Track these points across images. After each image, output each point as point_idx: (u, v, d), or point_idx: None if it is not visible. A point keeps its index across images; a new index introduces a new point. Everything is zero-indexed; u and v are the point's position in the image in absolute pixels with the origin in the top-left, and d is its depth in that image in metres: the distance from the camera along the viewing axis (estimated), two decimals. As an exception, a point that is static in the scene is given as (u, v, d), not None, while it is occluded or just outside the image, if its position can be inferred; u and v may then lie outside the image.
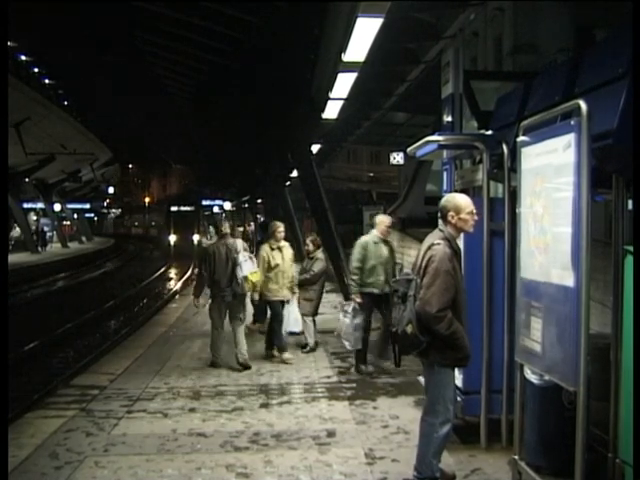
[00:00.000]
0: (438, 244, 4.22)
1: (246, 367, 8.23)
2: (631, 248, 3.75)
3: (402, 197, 24.56)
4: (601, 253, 4.82)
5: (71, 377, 8.65)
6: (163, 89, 21.10)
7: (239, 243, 8.46)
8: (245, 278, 8.17)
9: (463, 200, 4.39)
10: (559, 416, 4.23)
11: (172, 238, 48.23)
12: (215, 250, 8.32)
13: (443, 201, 4.42)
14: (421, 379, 5.02)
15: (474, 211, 4.36)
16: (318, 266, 9.07)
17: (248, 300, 8.84)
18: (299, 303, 9.10)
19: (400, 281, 4.36)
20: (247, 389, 7.30)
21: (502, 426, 5.02)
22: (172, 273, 30.70)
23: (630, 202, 4.02)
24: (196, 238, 45.85)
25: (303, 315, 9.16)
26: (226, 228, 8.59)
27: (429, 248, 4.25)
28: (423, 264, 4.23)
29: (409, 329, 4.13)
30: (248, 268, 8.21)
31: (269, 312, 9.07)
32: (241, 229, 28.81)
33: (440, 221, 4.40)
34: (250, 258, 8.35)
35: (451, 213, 4.31)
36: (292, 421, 6.12)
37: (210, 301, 8.61)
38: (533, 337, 4.06)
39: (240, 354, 8.30)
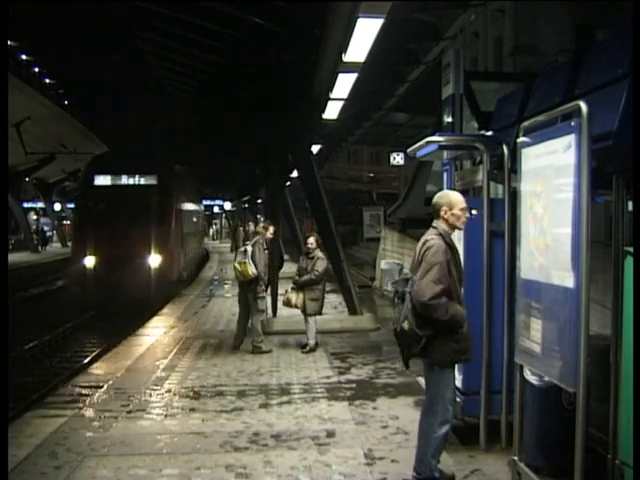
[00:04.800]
0: (432, 239, 4.30)
1: (264, 352, 9.11)
2: (631, 249, 3.75)
3: (402, 198, 24.57)
4: (601, 254, 4.82)
5: (71, 376, 8.65)
6: (163, 89, 21.11)
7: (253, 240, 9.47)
8: (234, 267, 9.23)
9: (456, 196, 4.48)
10: (558, 417, 4.23)
11: (90, 262, 16.47)
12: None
13: (436, 198, 4.49)
14: (420, 380, 5.02)
15: (466, 209, 4.43)
16: (321, 265, 9.07)
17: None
18: (304, 304, 9.08)
19: (399, 282, 4.40)
20: (247, 389, 7.29)
21: (502, 427, 5.01)
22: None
23: (630, 203, 4.02)
24: (155, 261, 16.77)
25: (309, 315, 9.16)
26: (251, 228, 9.72)
27: (424, 244, 4.32)
28: (419, 260, 4.29)
29: (406, 325, 4.17)
30: (238, 259, 9.24)
31: None
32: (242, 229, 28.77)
33: (434, 219, 4.44)
34: (245, 250, 9.21)
35: (444, 208, 4.37)
36: (292, 421, 6.11)
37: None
38: (533, 338, 4.06)
39: (254, 341, 9.18)
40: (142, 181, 18.16)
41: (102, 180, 17.95)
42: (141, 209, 17.07)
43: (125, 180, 18.12)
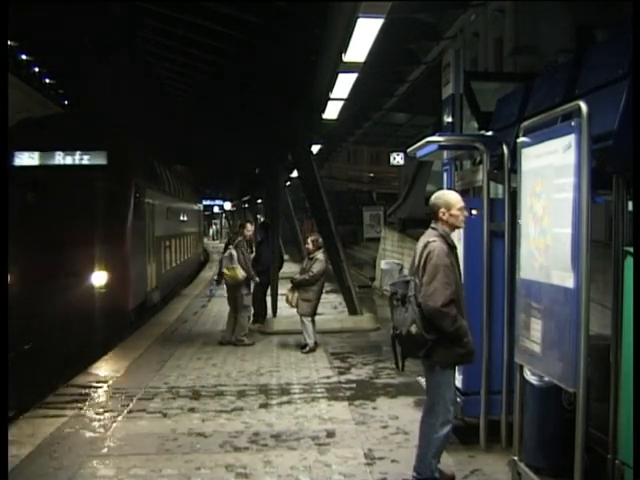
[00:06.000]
0: (434, 241, 4.26)
1: (247, 345, 9.70)
2: (631, 249, 3.75)
3: (402, 198, 24.56)
4: (601, 254, 4.82)
5: (71, 376, 8.65)
6: (163, 88, 21.07)
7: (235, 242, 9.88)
8: (222, 273, 9.69)
9: (453, 196, 4.46)
10: (558, 417, 4.23)
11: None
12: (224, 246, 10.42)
13: (433, 199, 4.46)
14: (421, 380, 5.02)
15: (464, 207, 4.41)
16: (317, 267, 9.07)
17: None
18: (297, 303, 9.10)
19: (398, 283, 4.35)
20: (247, 389, 7.29)
21: (502, 427, 5.01)
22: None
23: (630, 203, 4.02)
24: (100, 281, 11.48)
25: (301, 315, 9.18)
26: (235, 228, 10.04)
27: (425, 246, 4.28)
28: (421, 263, 4.25)
29: (413, 329, 4.13)
30: (225, 264, 9.65)
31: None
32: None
33: (432, 220, 4.42)
34: (230, 255, 9.57)
35: (442, 210, 4.35)
36: (291, 421, 6.11)
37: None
38: (533, 338, 4.06)
39: (237, 335, 9.75)
40: (84, 160, 12.43)
41: (25, 159, 12.37)
42: (80, 202, 11.55)
43: (58, 159, 12.45)
